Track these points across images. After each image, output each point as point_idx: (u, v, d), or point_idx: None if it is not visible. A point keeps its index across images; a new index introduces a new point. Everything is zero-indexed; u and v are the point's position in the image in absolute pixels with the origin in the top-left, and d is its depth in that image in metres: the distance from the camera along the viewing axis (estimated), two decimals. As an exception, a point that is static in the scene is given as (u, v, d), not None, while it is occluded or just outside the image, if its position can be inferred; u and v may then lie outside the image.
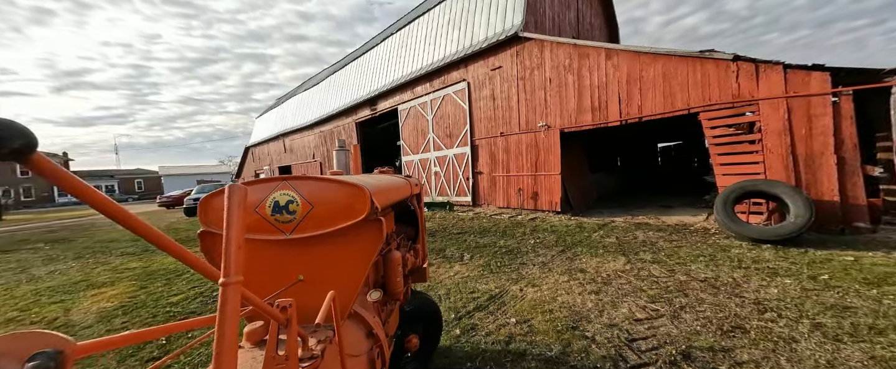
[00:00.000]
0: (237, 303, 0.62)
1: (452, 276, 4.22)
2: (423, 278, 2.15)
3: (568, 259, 4.62)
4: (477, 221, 7.99)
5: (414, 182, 2.04)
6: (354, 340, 1.19)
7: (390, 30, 14.66)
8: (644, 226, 6.31)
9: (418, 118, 12.16)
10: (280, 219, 1.08)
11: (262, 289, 1.02)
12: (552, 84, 8.00)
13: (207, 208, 1.15)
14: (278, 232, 1.08)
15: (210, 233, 1.14)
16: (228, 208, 0.65)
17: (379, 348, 1.30)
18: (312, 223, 1.08)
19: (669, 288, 3.40)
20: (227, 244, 0.63)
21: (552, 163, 8.08)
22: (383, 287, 1.53)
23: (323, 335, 1.00)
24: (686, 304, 3.03)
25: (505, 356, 2.42)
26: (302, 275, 1.09)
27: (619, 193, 12.11)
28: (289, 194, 1.08)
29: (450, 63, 10.47)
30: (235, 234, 0.64)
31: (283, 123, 23.10)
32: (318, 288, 1.08)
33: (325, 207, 1.08)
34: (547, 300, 3.32)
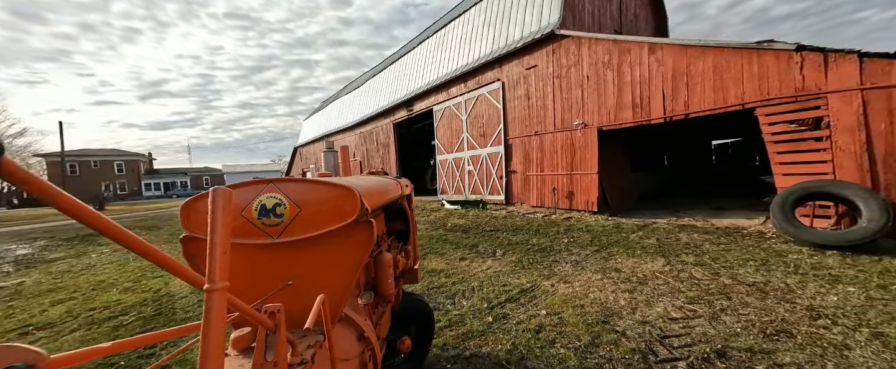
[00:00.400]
0: (223, 310, 0.60)
1: (485, 270, 4.41)
2: (415, 279, 2.12)
3: (602, 258, 4.60)
4: (510, 220, 8.07)
5: (404, 183, 2.03)
6: (345, 344, 1.17)
7: (426, 33, 15.11)
8: (689, 228, 6.00)
9: (453, 118, 12.45)
10: (267, 223, 1.04)
11: (250, 295, 0.99)
12: (590, 81, 7.82)
13: (190, 212, 1.11)
14: (265, 236, 1.05)
15: (194, 237, 1.09)
16: (213, 212, 0.63)
17: (371, 351, 1.28)
18: (301, 226, 1.05)
19: (711, 291, 3.31)
20: (212, 249, 0.61)
21: (589, 162, 7.91)
22: (374, 289, 1.51)
23: (313, 340, 0.99)
24: (727, 307, 2.95)
25: (535, 342, 2.57)
26: (290, 279, 1.07)
27: (665, 194, 11.42)
28: (276, 197, 1.05)
29: (484, 63, 10.61)
30: (220, 239, 0.62)
31: (326, 125, 24.73)
32: (307, 292, 1.06)
33: (314, 209, 1.05)
34: (578, 295, 3.40)
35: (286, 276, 1.07)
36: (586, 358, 2.33)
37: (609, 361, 2.29)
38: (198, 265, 1.10)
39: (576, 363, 2.29)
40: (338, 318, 1.16)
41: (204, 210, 1.08)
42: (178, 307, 3.83)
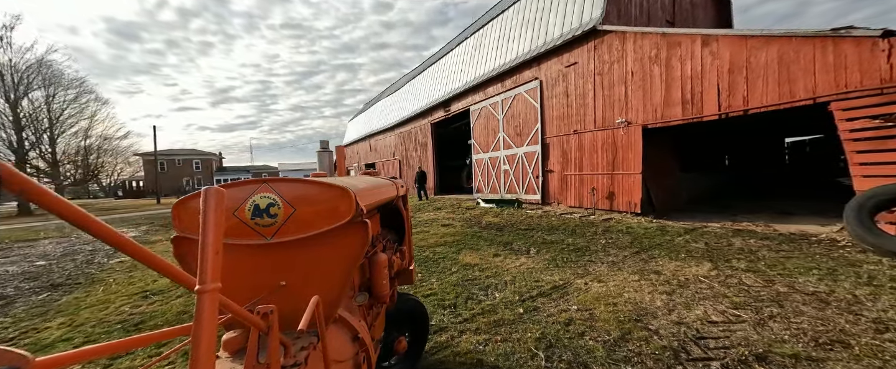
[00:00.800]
0: (214, 311, 0.60)
1: (518, 266, 4.53)
2: (410, 280, 2.11)
3: (642, 260, 4.48)
4: (545, 219, 8.02)
5: (399, 183, 2.01)
6: (339, 346, 1.15)
7: (464, 34, 15.34)
8: (746, 234, 5.54)
9: (489, 118, 12.55)
10: (260, 223, 1.03)
11: (242, 296, 0.98)
12: (634, 77, 7.48)
13: (182, 212, 1.09)
14: (258, 236, 1.03)
15: (185, 238, 1.08)
16: (205, 212, 0.63)
17: (365, 353, 1.26)
18: (295, 226, 1.03)
19: (761, 298, 3.13)
20: (204, 249, 0.61)
21: (631, 162, 7.57)
22: (369, 290, 1.49)
23: (306, 341, 0.97)
24: (778, 314, 2.80)
25: (564, 333, 2.69)
26: (284, 280, 1.06)
27: (722, 196, 10.45)
28: (269, 197, 1.04)
29: (522, 62, 10.57)
30: (212, 239, 0.62)
31: (369, 126, 26.10)
32: (301, 293, 1.04)
33: (308, 210, 1.04)
34: (612, 294, 3.41)
35: (280, 277, 1.06)
36: (614, 351, 2.41)
37: (638, 355, 2.34)
38: (189, 266, 1.08)
39: (603, 354, 2.38)
40: (332, 320, 1.14)
41: (196, 210, 1.06)
42: None
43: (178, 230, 1.09)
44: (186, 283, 0.66)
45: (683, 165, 9.50)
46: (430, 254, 5.40)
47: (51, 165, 25.04)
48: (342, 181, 1.21)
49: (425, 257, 5.21)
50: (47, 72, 24.42)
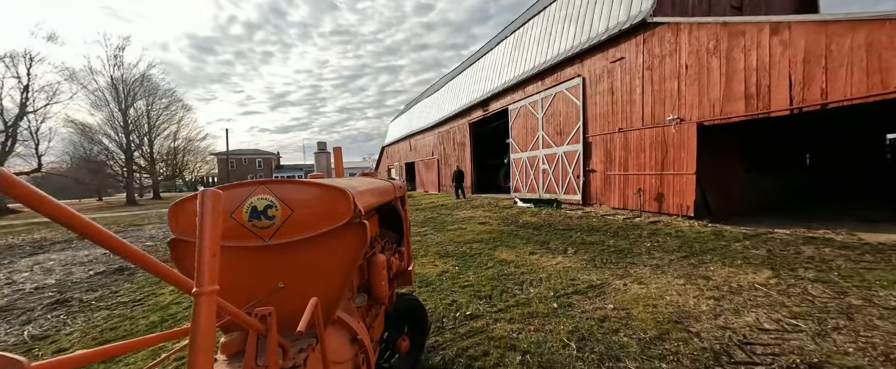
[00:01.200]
0: (212, 314, 0.60)
1: (554, 265, 4.55)
2: (409, 281, 2.10)
3: (690, 265, 4.27)
4: (586, 220, 7.81)
5: (397, 184, 2.01)
6: (338, 347, 1.15)
7: (504, 33, 15.29)
8: (822, 241, 4.95)
9: (528, 117, 12.41)
10: (258, 225, 1.02)
11: (240, 299, 0.96)
12: (689, 71, 6.97)
13: (179, 214, 1.08)
14: (256, 238, 1.02)
15: (182, 240, 1.06)
16: (202, 214, 0.63)
17: (364, 354, 1.26)
18: (292, 228, 1.03)
19: (827, 309, 2.88)
20: (201, 252, 0.61)
21: (684, 162, 7.07)
22: (368, 291, 1.48)
23: (305, 343, 0.97)
24: (844, 327, 2.58)
25: (598, 328, 2.74)
26: (282, 282, 1.05)
27: (797, 199, 9.23)
28: (267, 199, 1.03)
29: (564, 59, 10.31)
30: (210, 241, 0.62)
31: (409, 126, 27.05)
32: (299, 294, 1.03)
33: (306, 211, 1.03)
34: (653, 296, 3.34)
35: (278, 279, 1.05)
36: (649, 348, 2.43)
37: (674, 354, 2.34)
38: (186, 268, 1.06)
39: (637, 350, 2.41)
40: (331, 321, 1.14)
41: (192, 212, 1.05)
42: None
43: (174, 232, 1.08)
44: (184, 286, 0.66)
45: (748, 165, 8.58)
46: (466, 249, 5.62)
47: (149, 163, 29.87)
48: (340, 183, 1.20)
49: (462, 252, 5.44)
50: (148, 84, 29.14)
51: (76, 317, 3.53)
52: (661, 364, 2.25)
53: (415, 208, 12.75)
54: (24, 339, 3.07)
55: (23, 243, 9.03)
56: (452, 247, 5.80)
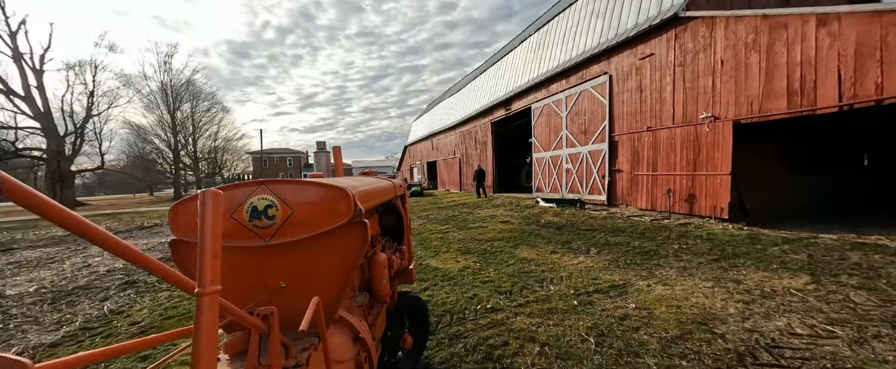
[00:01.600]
0: (215, 314, 0.60)
1: (576, 264, 4.55)
2: (410, 279, 2.10)
3: (721, 268, 4.13)
4: (611, 221, 7.65)
5: (398, 183, 2.03)
6: (340, 346, 1.15)
7: (528, 31, 15.14)
8: (871, 248, 4.60)
9: (551, 116, 12.25)
10: (259, 225, 1.02)
11: (242, 298, 0.96)
12: (725, 67, 6.64)
13: (179, 215, 1.08)
14: (257, 238, 1.03)
15: (183, 241, 1.07)
16: (203, 215, 0.63)
17: (366, 353, 1.27)
18: (293, 227, 1.03)
19: (869, 317, 2.73)
20: (203, 252, 0.61)
21: (718, 161, 6.75)
22: (369, 290, 1.49)
23: (307, 342, 0.98)
24: (887, 335, 2.45)
25: (617, 326, 2.77)
26: (283, 281, 1.05)
27: (848, 202, 8.48)
28: (267, 198, 1.03)
29: (589, 57, 10.10)
30: (211, 242, 0.62)
31: (431, 125, 27.38)
32: (301, 294, 1.04)
33: (306, 211, 1.04)
34: (677, 298, 3.30)
35: (279, 279, 1.05)
36: (670, 347, 2.44)
37: (696, 354, 2.34)
38: (188, 269, 1.07)
39: (657, 348, 2.43)
40: (332, 320, 1.14)
41: (193, 212, 1.05)
42: None
43: (175, 233, 1.08)
44: (186, 287, 0.66)
45: (793, 166, 8.01)
46: (487, 247, 5.73)
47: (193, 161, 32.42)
48: (340, 182, 1.20)
49: (483, 250, 5.55)
50: (192, 89, 31.59)
51: (144, 296, 4.03)
52: (682, 362, 2.26)
53: (436, 206, 12.98)
54: (105, 313, 3.57)
55: (91, 232, 10.18)
56: (473, 245, 5.93)
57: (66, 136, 24.49)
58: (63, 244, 8.13)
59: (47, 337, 3.06)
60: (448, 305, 3.31)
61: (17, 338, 3.05)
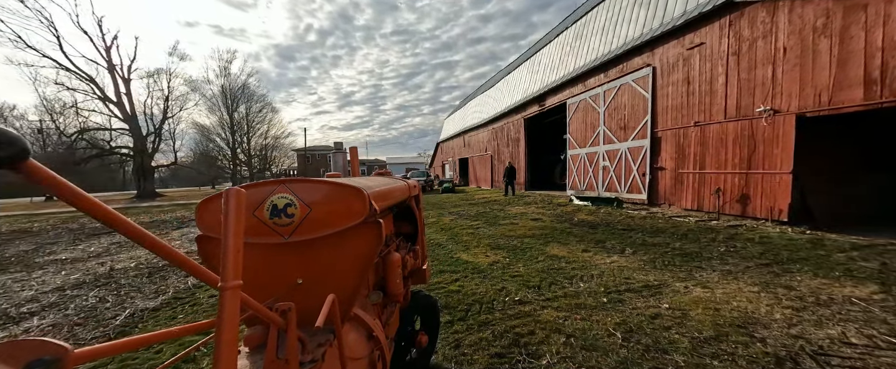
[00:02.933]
0: (237, 308, 0.62)
1: (608, 264, 4.46)
2: (423, 279, 2.12)
3: (771, 273, 3.86)
4: (650, 221, 7.31)
5: (412, 183, 2.04)
6: (355, 343, 1.18)
7: (565, 24, 14.64)
8: (968, 261, 3.99)
9: (588, 111, 11.81)
10: (278, 223, 1.05)
11: (261, 293, 0.99)
12: (788, 55, 6.02)
13: (205, 212, 1.12)
14: (277, 235, 1.06)
15: (208, 237, 1.11)
16: (226, 212, 0.65)
17: (379, 351, 1.28)
18: (311, 226, 1.06)
19: (946, 333, 2.47)
20: (226, 248, 0.63)
21: (777, 159, 6.16)
22: (383, 289, 1.51)
23: (323, 338, 1.00)
24: (964, 353, 2.21)
25: (647, 324, 2.75)
26: (301, 278, 1.08)
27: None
28: (287, 197, 1.06)
29: (632, 48, 9.60)
30: (234, 238, 0.64)
31: (463, 122, 27.51)
32: (317, 291, 1.07)
33: (324, 210, 1.06)
34: (717, 301, 3.17)
35: (297, 275, 1.08)
36: (702, 347, 2.40)
37: (729, 355, 2.29)
38: (212, 264, 1.11)
39: (688, 346, 2.41)
40: (347, 317, 1.17)
41: (218, 210, 1.09)
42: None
43: (201, 229, 1.12)
44: (210, 281, 0.68)
45: (873, 164, 7.04)
46: (517, 243, 5.80)
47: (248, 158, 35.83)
48: (356, 182, 1.22)
49: (513, 246, 5.64)
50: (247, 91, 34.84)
51: (215, 274, 4.72)
52: (713, 361, 2.24)
53: (468, 202, 13.15)
54: (189, 286, 4.25)
55: (171, 219, 11.81)
56: (503, 241, 6.04)
57: (148, 136, 28.26)
58: (150, 229, 9.53)
59: (150, 303, 3.74)
60: (477, 296, 3.49)
61: (129, 303, 3.77)
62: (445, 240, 6.39)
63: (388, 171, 2.23)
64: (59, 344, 0.48)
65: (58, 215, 15.70)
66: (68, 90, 25.35)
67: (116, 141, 28.08)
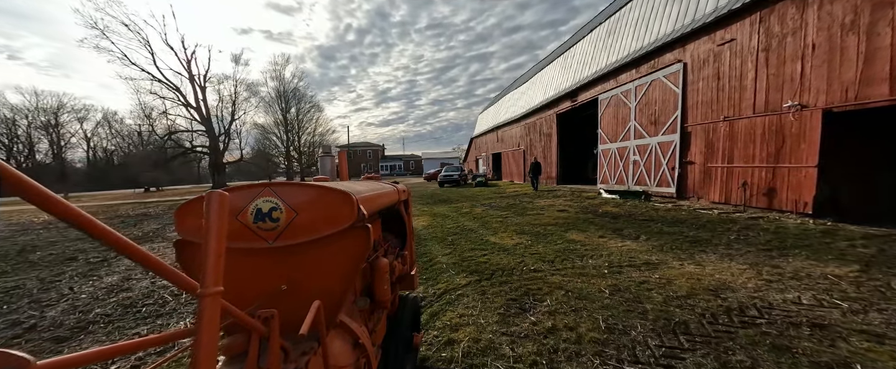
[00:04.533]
0: (216, 315, 0.60)
1: (619, 247, 5.07)
2: (412, 285, 2.11)
3: (767, 256, 4.32)
4: (673, 213, 7.67)
5: (401, 188, 2.02)
6: (340, 351, 1.15)
7: (598, 19, 14.70)
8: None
9: (619, 106, 12.00)
10: (263, 227, 1.02)
11: (244, 300, 0.95)
12: (816, 51, 6.08)
13: (185, 216, 1.08)
14: (261, 240, 1.03)
15: (187, 242, 1.07)
16: (208, 216, 0.63)
17: (366, 358, 1.27)
18: (296, 230, 1.03)
19: (891, 298, 2.98)
20: (207, 253, 0.61)
21: (804, 153, 6.28)
22: (370, 295, 1.49)
23: (307, 346, 0.98)
24: (888, 308, 2.76)
25: (634, 287, 3.50)
26: (285, 284, 1.06)
27: None
28: (272, 201, 1.03)
29: (663, 45, 9.72)
30: (215, 243, 0.62)
31: (496, 118, 28.02)
32: (302, 297, 1.04)
33: (310, 214, 1.04)
34: (702, 275, 3.74)
35: (281, 281, 1.06)
36: (671, 302, 3.11)
37: (690, 307, 3.00)
38: (191, 270, 1.08)
39: (660, 300, 3.16)
40: (333, 325, 1.14)
41: (198, 214, 1.06)
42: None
43: (180, 234, 1.08)
44: (188, 287, 0.66)
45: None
46: (541, 230, 6.62)
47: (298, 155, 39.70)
48: (344, 186, 1.21)
49: (537, 232, 6.47)
50: (297, 93, 38.50)
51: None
52: (676, 309, 2.99)
53: (499, 195, 13.98)
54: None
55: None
56: (528, 228, 6.88)
57: (220, 136, 32.57)
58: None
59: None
60: (501, 266, 4.45)
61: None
62: (477, 226, 7.38)
63: (378, 176, 2.24)
64: (20, 355, 0.46)
65: (164, 202, 19.23)
66: (160, 98, 30.16)
67: (195, 141, 32.78)
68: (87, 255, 6.30)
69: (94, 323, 3.32)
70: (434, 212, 10.17)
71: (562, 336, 2.59)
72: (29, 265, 5.82)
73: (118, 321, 3.37)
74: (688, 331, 2.59)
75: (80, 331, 3.17)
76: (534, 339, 2.56)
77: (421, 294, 3.58)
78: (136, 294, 4.10)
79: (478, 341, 2.57)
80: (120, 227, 9.91)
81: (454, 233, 6.74)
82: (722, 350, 2.32)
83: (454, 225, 7.75)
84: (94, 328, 3.23)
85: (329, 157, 2.25)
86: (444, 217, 9.00)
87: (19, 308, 3.79)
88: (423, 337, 2.63)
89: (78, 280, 4.81)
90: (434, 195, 16.34)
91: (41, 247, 7.27)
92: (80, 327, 3.25)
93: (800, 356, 2.21)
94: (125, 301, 3.88)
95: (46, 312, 3.64)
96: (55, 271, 5.32)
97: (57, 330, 3.20)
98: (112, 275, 4.99)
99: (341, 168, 2.26)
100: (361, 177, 2.21)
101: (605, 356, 2.31)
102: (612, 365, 2.21)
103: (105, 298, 4.00)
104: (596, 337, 2.55)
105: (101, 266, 5.56)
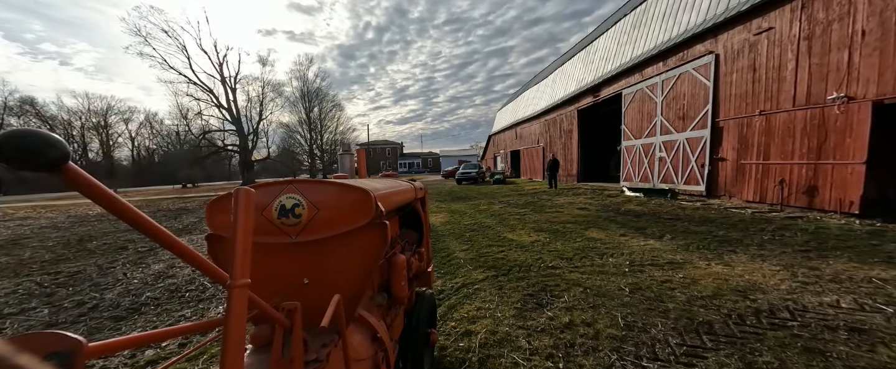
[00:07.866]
0: (244, 306, 0.63)
1: (641, 246, 4.90)
2: (428, 282, 2.14)
3: (805, 258, 4.06)
4: (702, 212, 7.33)
5: (418, 186, 2.06)
6: (359, 344, 1.18)
7: (623, 10, 14.16)
8: None
9: (644, 101, 11.55)
10: (286, 223, 1.06)
11: (269, 293, 1.00)
12: (867, 38, 5.60)
13: (215, 212, 1.14)
14: (284, 235, 1.07)
15: (217, 236, 1.13)
16: (236, 212, 0.66)
17: (383, 352, 1.29)
18: (318, 226, 1.07)
19: (945, 306, 2.75)
20: (234, 247, 0.64)
21: (850, 148, 5.82)
22: (387, 291, 1.53)
23: (327, 338, 1.02)
24: (944, 318, 2.56)
25: (655, 286, 3.41)
26: (307, 278, 1.10)
27: None
28: (295, 198, 1.07)
29: (693, 35, 9.25)
30: (242, 238, 0.65)
31: (515, 114, 27.66)
32: (323, 291, 1.09)
33: (331, 211, 1.08)
34: (731, 275, 3.57)
35: (303, 275, 1.10)
36: (695, 302, 3.00)
37: (716, 307, 2.88)
38: (220, 262, 1.12)
39: (683, 300, 3.07)
40: (352, 318, 1.18)
41: (227, 210, 1.11)
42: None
43: (211, 228, 1.13)
44: (220, 278, 0.69)
45: None
46: (559, 227, 6.54)
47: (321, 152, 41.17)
48: (363, 184, 1.23)
49: (555, 229, 6.40)
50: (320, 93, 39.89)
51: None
52: (699, 309, 2.90)
53: (517, 193, 13.86)
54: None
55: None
56: (547, 225, 6.82)
57: (248, 135, 34.30)
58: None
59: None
60: (519, 262, 4.46)
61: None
62: (494, 223, 7.40)
63: (395, 173, 2.28)
64: (74, 337, 0.49)
65: (200, 198, 20.55)
66: (195, 100, 32.12)
67: (227, 139, 34.73)
68: (136, 245, 6.88)
69: (145, 305, 3.67)
70: (452, 208, 10.26)
71: (579, 331, 2.60)
72: (87, 252, 6.45)
73: (166, 303, 3.70)
74: (712, 331, 2.52)
75: (133, 312, 3.52)
76: (550, 333, 2.59)
77: (438, 287, 3.66)
78: (180, 280, 4.47)
79: (494, 333, 2.63)
80: (162, 220, 10.71)
81: (471, 230, 6.80)
82: (748, 350, 2.25)
83: (471, 221, 7.80)
84: (146, 309, 3.58)
85: (348, 155, 2.30)
86: (461, 214, 9.07)
87: (82, 290, 4.24)
88: (441, 328, 2.71)
89: (130, 267, 5.29)
90: (452, 192, 16.41)
91: (97, 237, 8.01)
92: (134, 308, 3.61)
93: (834, 359, 2.11)
94: (171, 286, 4.24)
95: (105, 294, 4.05)
96: (110, 258, 5.87)
97: (115, 311, 3.56)
98: (158, 263, 5.45)
99: (360, 165, 2.31)
100: (379, 174, 2.25)
101: (623, 352, 2.31)
102: (631, 361, 2.20)
103: (154, 283, 4.39)
104: (614, 333, 2.54)
105: (148, 254, 6.06)
